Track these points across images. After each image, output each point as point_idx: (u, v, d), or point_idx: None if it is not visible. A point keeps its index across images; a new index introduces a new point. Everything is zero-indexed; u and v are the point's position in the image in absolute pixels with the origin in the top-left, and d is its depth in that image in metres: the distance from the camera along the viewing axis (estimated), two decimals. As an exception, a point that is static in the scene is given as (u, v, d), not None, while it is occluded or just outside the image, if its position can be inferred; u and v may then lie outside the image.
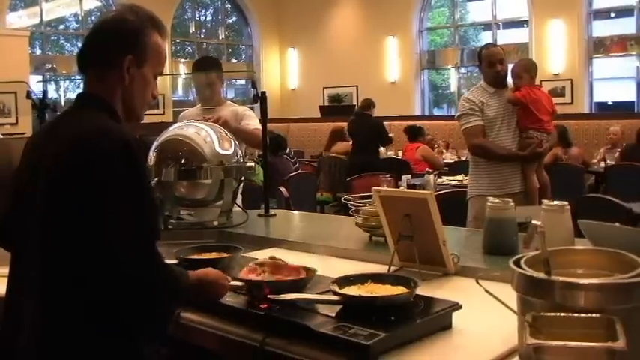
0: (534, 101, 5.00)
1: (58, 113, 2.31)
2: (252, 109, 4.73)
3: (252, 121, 4.40)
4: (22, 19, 15.42)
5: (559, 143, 9.02)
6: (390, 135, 10.90)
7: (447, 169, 9.78)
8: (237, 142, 3.56)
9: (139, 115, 2.11)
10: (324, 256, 2.83)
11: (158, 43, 2.07)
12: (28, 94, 4.11)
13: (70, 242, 1.80)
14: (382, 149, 11.30)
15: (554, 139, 5.49)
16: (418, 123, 11.62)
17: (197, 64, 4.95)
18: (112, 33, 2.03)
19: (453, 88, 17.35)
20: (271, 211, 3.95)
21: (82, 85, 2.10)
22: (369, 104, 10.55)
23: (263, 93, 3.86)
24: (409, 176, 8.31)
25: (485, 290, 1.60)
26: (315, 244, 3.04)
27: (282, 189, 7.89)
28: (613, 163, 9.48)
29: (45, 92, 4.11)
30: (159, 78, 2.15)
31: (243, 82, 19.83)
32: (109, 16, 2.10)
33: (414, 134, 10.67)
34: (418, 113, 15.76)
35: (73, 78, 16.59)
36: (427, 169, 8.93)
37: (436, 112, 17.42)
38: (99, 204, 1.78)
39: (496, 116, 4.99)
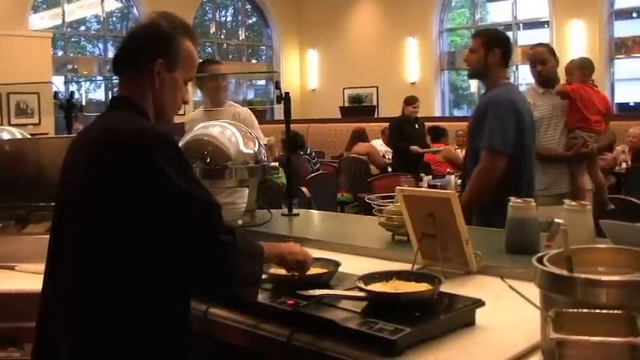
0: (582, 99, 4.96)
1: (84, 114, 2.37)
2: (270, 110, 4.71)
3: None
4: (44, 21, 15.55)
5: None
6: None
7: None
8: (261, 142, 3.59)
9: (169, 118, 2.17)
10: (348, 255, 2.85)
11: (190, 49, 2.13)
12: (56, 95, 4.17)
13: (114, 238, 1.86)
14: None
15: (607, 140, 5.36)
16: (438, 124, 11.64)
17: (201, 67, 4.82)
18: (145, 37, 2.10)
19: (473, 89, 17.31)
20: (294, 211, 3.99)
21: (102, 86, 2.17)
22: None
23: (287, 94, 3.90)
24: (430, 177, 8.33)
25: (510, 286, 1.64)
26: (339, 243, 3.07)
27: (304, 189, 7.93)
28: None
29: (72, 93, 4.17)
30: None
31: (263, 82, 19.91)
32: (144, 21, 2.17)
33: (437, 135, 10.70)
34: (438, 114, 15.75)
35: (93, 79, 16.73)
36: (448, 169, 8.95)
37: (456, 113, 17.39)
38: (151, 198, 1.85)
39: (542, 117, 4.98)
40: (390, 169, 10.42)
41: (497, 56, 4.07)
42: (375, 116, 15.74)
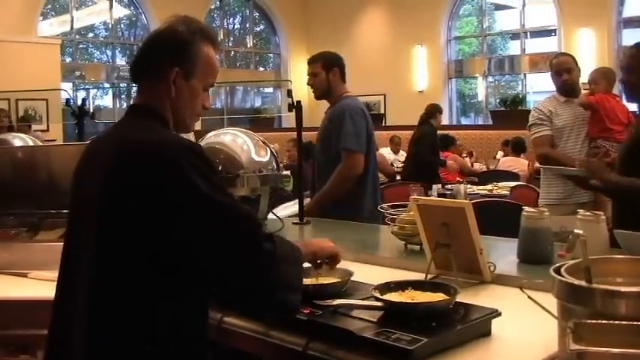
0: (606, 109, 4.93)
1: (95, 120, 2.36)
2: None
3: None
4: (52, 27, 15.62)
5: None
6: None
7: (476, 179, 9.73)
8: (273, 150, 3.59)
9: (188, 126, 2.12)
10: (360, 264, 2.84)
11: (209, 54, 2.07)
12: (67, 102, 4.19)
13: (137, 248, 1.84)
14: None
15: None
16: (445, 132, 11.62)
17: None
18: (161, 45, 2.05)
19: (481, 97, 17.33)
20: (305, 219, 3.98)
21: (109, 93, 2.14)
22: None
23: (299, 102, 3.90)
24: (439, 185, 8.31)
25: (529, 297, 1.63)
26: (351, 252, 3.05)
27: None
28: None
29: (84, 100, 4.19)
30: None
31: (270, 90, 19.95)
32: (162, 26, 2.09)
33: (446, 143, 10.66)
34: (446, 122, 15.72)
35: (101, 86, 16.78)
36: (458, 178, 8.93)
37: (464, 121, 17.39)
38: (182, 209, 1.83)
39: (564, 126, 5.01)
40: (398, 177, 10.38)
41: (337, 74, 4.67)
42: (383, 124, 15.74)
